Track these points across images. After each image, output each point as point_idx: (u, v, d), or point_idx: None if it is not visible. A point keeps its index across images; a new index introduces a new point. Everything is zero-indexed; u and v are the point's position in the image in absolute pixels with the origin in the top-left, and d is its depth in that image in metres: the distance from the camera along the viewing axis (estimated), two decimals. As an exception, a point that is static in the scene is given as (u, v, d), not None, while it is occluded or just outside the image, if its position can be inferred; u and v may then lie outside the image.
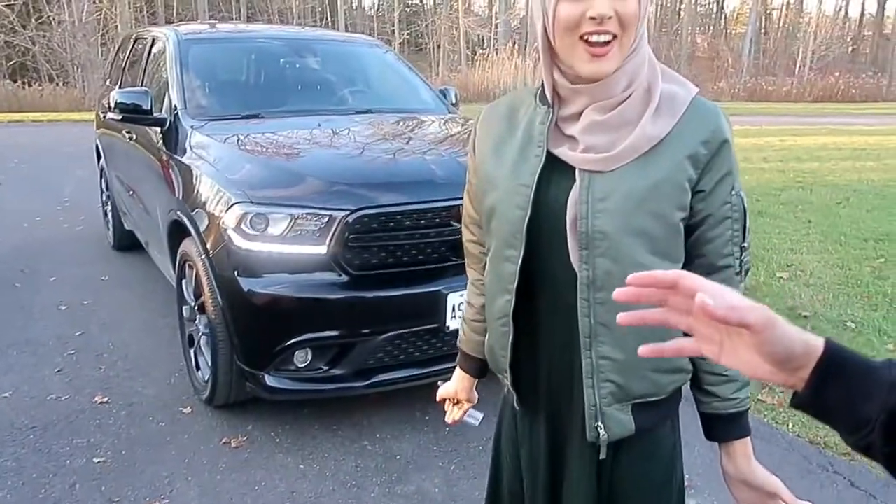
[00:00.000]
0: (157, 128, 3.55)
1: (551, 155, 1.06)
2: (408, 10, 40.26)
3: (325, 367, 2.65)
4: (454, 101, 4.22)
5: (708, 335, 0.65)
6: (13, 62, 27.51)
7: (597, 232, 1.01)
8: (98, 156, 5.69)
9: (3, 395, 3.10)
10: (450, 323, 2.66)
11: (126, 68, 4.91)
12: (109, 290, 4.52)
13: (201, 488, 2.44)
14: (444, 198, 2.64)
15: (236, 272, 2.60)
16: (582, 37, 0.98)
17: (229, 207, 2.62)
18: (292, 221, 2.56)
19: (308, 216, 2.56)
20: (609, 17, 0.96)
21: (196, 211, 2.83)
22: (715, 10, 39.33)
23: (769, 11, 36.26)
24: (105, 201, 5.64)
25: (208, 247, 2.70)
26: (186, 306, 3.15)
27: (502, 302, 1.11)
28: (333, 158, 2.93)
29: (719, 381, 1.10)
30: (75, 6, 24.95)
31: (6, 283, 4.60)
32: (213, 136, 3.15)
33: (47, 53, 26.50)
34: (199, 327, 2.99)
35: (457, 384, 1.38)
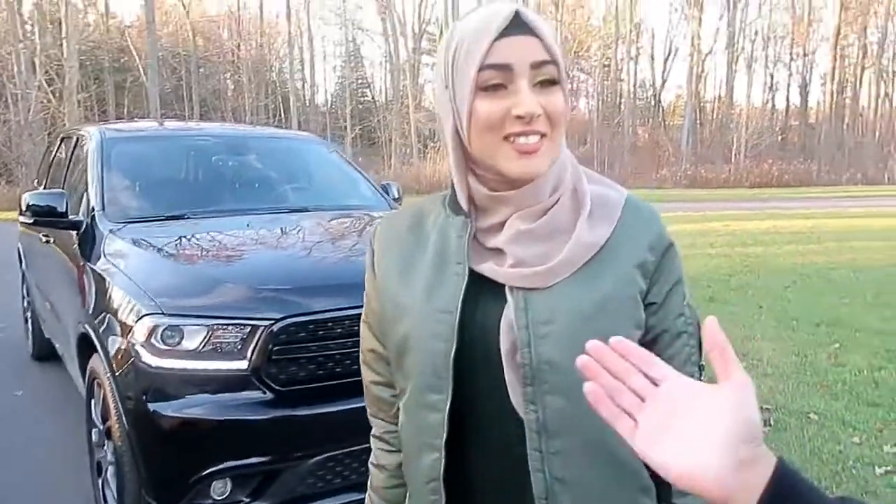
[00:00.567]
0: (74, 231, 3.30)
1: (474, 273, 0.88)
2: (360, 107, 41.39)
3: (248, 500, 2.33)
4: (396, 197, 4.09)
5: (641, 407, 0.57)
6: (-46, 161, 26.92)
7: (543, 363, 0.83)
8: (20, 259, 5.35)
9: None
10: (389, 440, 2.39)
11: (52, 168, 4.68)
12: (22, 408, 4.09)
13: None
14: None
15: (144, 393, 2.30)
16: (507, 137, 0.83)
17: (139, 319, 2.36)
18: (209, 334, 2.30)
19: (227, 327, 2.31)
20: (538, 116, 0.82)
21: (103, 324, 2.55)
22: (653, 104, 41.57)
23: (703, 104, 38.50)
24: (26, 307, 5.25)
25: (114, 365, 2.41)
26: (95, 429, 2.80)
27: (428, 461, 0.89)
28: (259, 261, 2.72)
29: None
30: (21, 105, 24.79)
31: None
32: (131, 240, 2.91)
33: (-9, 152, 26.05)
34: (108, 454, 2.65)
35: None
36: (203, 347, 2.30)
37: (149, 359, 2.31)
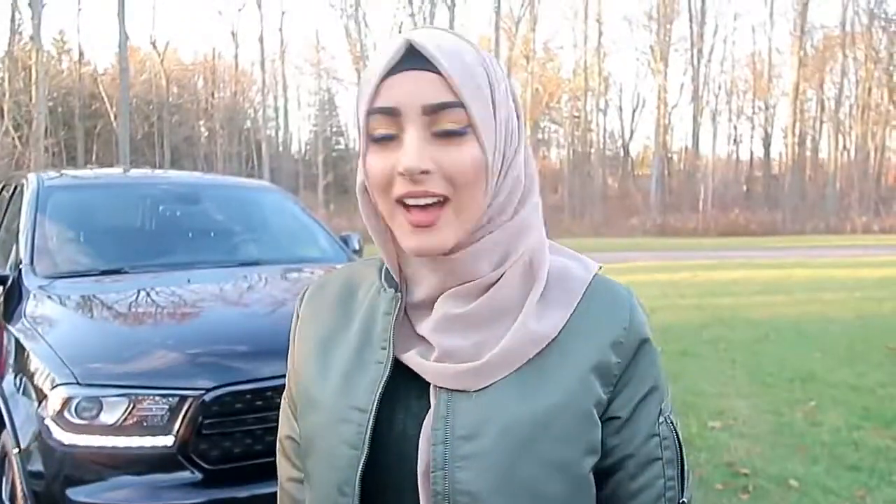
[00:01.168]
0: (0, 287, 3.03)
1: (400, 363, 0.70)
2: (334, 154, 41.52)
3: None
4: (357, 248, 3.90)
5: None
6: None
7: (460, 492, 0.64)
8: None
9: None
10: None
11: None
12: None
13: None
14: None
15: (54, 476, 2.04)
16: (398, 201, 0.66)
17: (52, 389, 2.10)
18: (131, 406, 2.06)
19: (152, 398, 2.07)
20: (424, 172, 0.64)
21: (13, 395, 2.28)
22: (622, 154, 42.41)
23: (670, 155, 39.36)
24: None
25: (20, 441, 2.13)
26: (4, 512, 2.49)
27: None
28: (195, 322, 2.50)
29: None
30: (-15, 150, 24.31)
31: None
32: (57, 298, 2.66)
33: (-50, 197, 25.39)
34: (16, 543, 2.34)
35: None
36: (124, 422, 2.06)
37: (61, 435, 2.05)
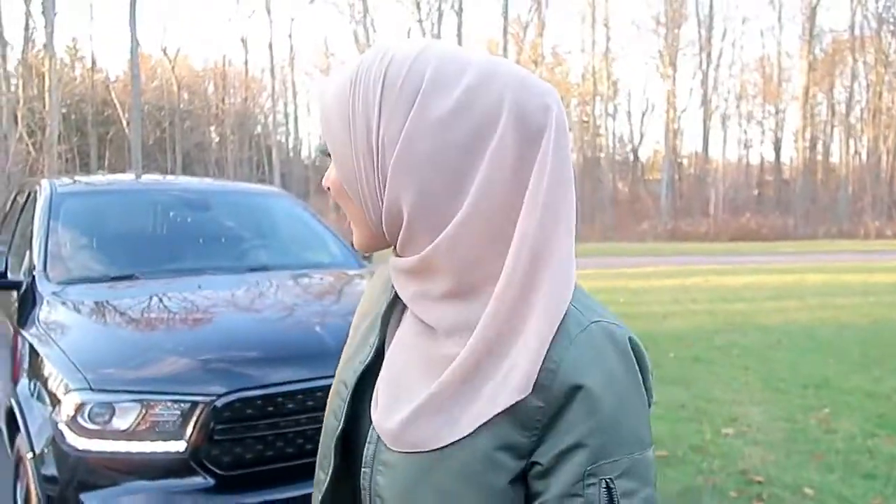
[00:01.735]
0: (14, 292, 3.05)
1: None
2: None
3: None
4: (366, 255, 3.89)
5: None
6: (-75, 213, 26.43)
7: (376, 494, 0.69)
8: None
9: None
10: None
11: (2, 222, 4.44)
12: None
13: None
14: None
15: (67, 480, 2.04)
16: None
17: (65, 395, 2.11)
18: (143, 411, 2.06)
19: (164, 403, 2.08)
20: (328, 189, 0.72)
21: (29, 400, 2.29)
22: (632, 159, 42.27)
23: (680, 159, 39.21)
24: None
25: (35, 446, 2.14)
26: (20, 515, 2.50)
27: None
28: (207, 328, 2.50)
29: None
30: (0, 157, 24.54)
31: None
32: (70, 304, 2.67)
33: (-36, 204, 25.66)
34: (29, 548, 2.35)
35: None
36: (136, 427, 2.06)
37: (74, 440, 2.06)
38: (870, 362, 6.15)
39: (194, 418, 2.06)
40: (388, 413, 0.67)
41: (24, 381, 2.40)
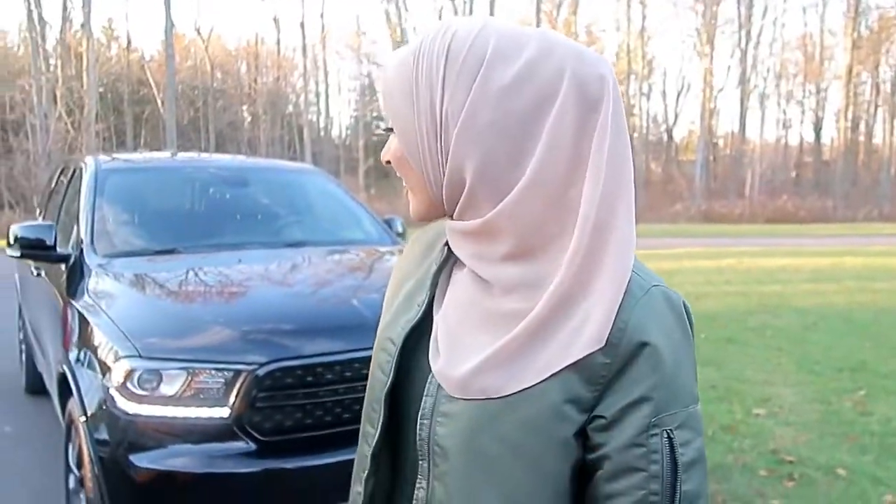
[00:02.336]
0: (63, 265, 3.17)
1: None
2: (374, 140, 41.72)
3: (226, 560, 2.14)
4: (400, 232, 3.95)
5: None
6: (-28, 191, 27.27)
7: (436, 444, 0.71)
8: (16, 289, 5.25)
9: None
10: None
11: (50, 198, 4.59)
12: (9, 446, 3.92)
13: None
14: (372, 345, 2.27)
15: (118, 442, 2.14)
16: None
17: (116, 362, 2.20)
18: (189, 378, 2.15)
19: (209, 371, 2.16)
20: (388, 163, 0.76)
21: (81, 366, 2.40)
22: (665, 139, 41.57)
23: (715, 140, 38.43)
24: (21, 339, 5.12)
25: (87, 409, 2.25)
26: (72, 475, 2.63)
27: (354, 493, 0.82)
28: (247, 300, 2.57)
29: None
30: (40, 136, 25.14)
31: None
32: (116, 276, 2.77)
33: (8, 181, 26.38)
34: (82, 504, 2.47)
35: None
36: (182, 393, 2.15)
37: (124, 405, 2.15)
38: (909, 347, 6.03)
39: (237, 386, 2.14)
40: (453, 363, 0.70)
41: (76, 349, 2.51)
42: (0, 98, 28.90)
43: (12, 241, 3.13)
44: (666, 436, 0.66)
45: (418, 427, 0.73)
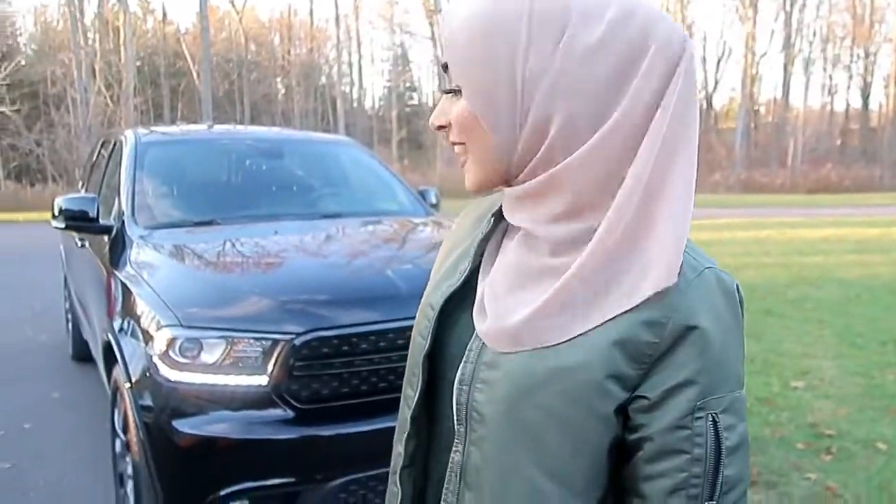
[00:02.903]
0: (105, 236, 3.25)
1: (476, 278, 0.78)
2: (407, 110, 41.57)
3: (266, 523, 2.21)
4: (434, 203, 3.95)
5: None
6: (16, 164, 28.05)
7: (475, 410, 0.72)
8: (62, 260, 5.41)
9: None
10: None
11: (92, 171, 4.70)
12: (57, 411, 4.08)
13: None
14: (408, 316, 2.27)
15: (161, 408, 2.21)
16: None
17: (158, 330, 2.26)
18: (228, 347, 2.19)
19: (247, 340, 2.20)
20: (441, 128, 0.74)
21: (125, 334, 2.47)
22: (705, 106, 40.50)
23: (757, 107, 37.33)
24: (67, 308, 5.30)
25: (132, 377, 2.32)
26: (118, 439, 2.73)
27: (395, 454, 0.84)
28: (285, 271, 2.60)
29: None
30: (80, 109, 25.66)
31: (-58, 404, 4.17)
32: (157, 247, 2.83)
33: (51, 155, 27.07)
34: (128, 467, 2.57)
35: None
36: (222, 361, 2.20)
37: (167, 372, 2.21)
38: (957, 320, 5.85)
39: (275, 355, 2.18)
40: (502, 318, 0.70)
41: (119, 318, 2.58)
42: (42, 72, 29.52)
43: (57, 213, 3.22)
44: (711, 419, 0.65)
45: (456, 392, 0.73)
